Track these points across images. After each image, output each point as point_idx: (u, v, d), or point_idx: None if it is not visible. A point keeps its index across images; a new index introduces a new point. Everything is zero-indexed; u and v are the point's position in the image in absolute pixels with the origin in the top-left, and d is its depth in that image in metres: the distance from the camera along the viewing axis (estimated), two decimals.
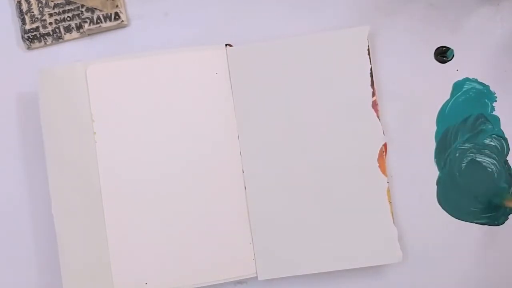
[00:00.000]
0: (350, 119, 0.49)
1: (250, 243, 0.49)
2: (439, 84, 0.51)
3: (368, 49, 0.49)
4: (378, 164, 0.49)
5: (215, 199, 0.50)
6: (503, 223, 0.51)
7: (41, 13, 0.52)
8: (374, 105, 0.49)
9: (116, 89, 0.50)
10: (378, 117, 0.49)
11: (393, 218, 0.49)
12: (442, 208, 0.51)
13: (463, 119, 0.51)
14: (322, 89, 0.49)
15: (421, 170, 0.51)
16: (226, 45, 0.51)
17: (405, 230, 0.50)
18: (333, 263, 0.49)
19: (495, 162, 0.50)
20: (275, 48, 0.50)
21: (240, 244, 0.49)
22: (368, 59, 0.49)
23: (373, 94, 0.49)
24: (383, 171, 0.49)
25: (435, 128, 0.51)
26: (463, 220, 0.50)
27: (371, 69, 0.49)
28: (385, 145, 0.49)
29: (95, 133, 0.50)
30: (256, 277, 0.49)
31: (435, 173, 0.51)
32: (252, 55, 0.50)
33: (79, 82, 0.50)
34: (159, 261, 0.49)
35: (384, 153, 0.49)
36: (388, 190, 0.49)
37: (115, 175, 0.50)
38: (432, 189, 0.51)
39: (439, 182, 0.51)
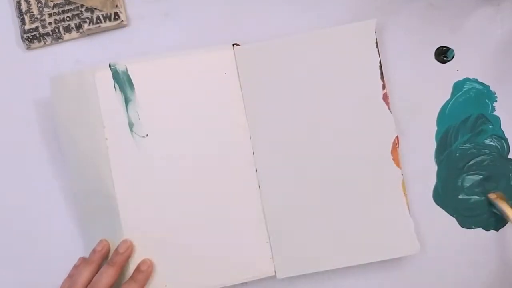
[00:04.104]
0: (362, 112, 0.49)
1: (267, 242, 0.49)
2: (439, 84, 0.51)
3: (376, 42, 0.49)
4: (392, 157, 0.49)
5: (229, 200, 0.49)
6: (502, 228, 0.51)
7: (41, 13, 0.52)
8: (385, 97, 0.49)
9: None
10: (389, 109, 0.49)
11: (409, 210, 0.49)
12: (441, 207, 0.51)
13: (464, 119, 0.51)
14: (332, 84, 0.49)
15: (421, 170, 0.51)
16: (233, 44, 0.50)
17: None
18: (351, 258, 0.49)
19: (495, 162, 0.50)
20: (283, 45, 0.50)
21: (257, 243, 0.49)
22: (377, 52, 0.49)
23: (383, 86, 0.49)
24: (397, 163, 0.49)
25: (435, 128, 0.51)
26: (461, 221, 0.51)
27: (380, 62, 0.49)
28: (397, 137, 0.49)
29: (106, 139, 0.49)
30: (275, 275, 0.49)
31: (435, 172, 0.51)
32: (260, 53, 0.50)
33: (89, 88, 0.49)
34: (177, 264, 0.49)
35: (397, 146, 0.49)
36: (403, 182, 0.49)
37: (129, 180, 0.49)
38: (431, 189, 0.51)
39: (438, 182, 0.51)
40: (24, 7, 0.52)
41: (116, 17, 0.52)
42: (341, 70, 0.49)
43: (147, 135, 0.50)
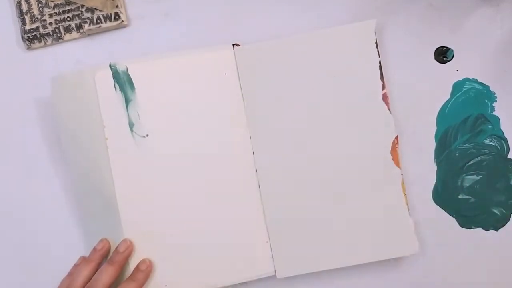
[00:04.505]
0: (362, 113, 0.49)
1: (267, 242, 0.49)
2: (439, 84, 0.51)
3: (376, 42, 0.49)
4: (391, 157, 0.49)
5: (229, 200, 0.50)
6: (502, 227, 0.51)
7: (41, 13, 0.52)
8: (385, 97, 0.49)
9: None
10: (389, 109, 0.49)
11: (408, 210, 0.49)
12: (441, 207, 0.51)
13: (463, 119, 0.51)
14: (332, 85, 0.49)
15: (420, 170, 0.51)
16: (233, 45, 0.51)
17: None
18: (351, 257, 0.49)
19: (494, 162, 0.50)
20: (283, 46, 0.50)
21: (256, 243, 0.49)
22: (377, 52, 0.49)
23: (383, 87, 0.49)
24: (397, 163, 0.49)
25: (435, 128, 0.51)
26: (461, 221, 0.51)
27: (380, 62, 0.49)
28: (397, 137, 0.49)
29: (107, 138, 0.49)
30: (275, 275, 0.49)
31: (434, 172, 0.51)
32: (260, 53, 0.50)
33: (89, 88, 0.49)
34: (177, 264, 0.49)
35: (397, 146, 0.49)
36: (403, 182, 0.49)
37: (129, 180, 0.49)
38: (431, 189, 0.51)
39: (438, 182, 0.51)
40: (24, 7, 0.53)
41: (117, 17, 0.52)
42: (341, 70, 0.49)
43: (147, 135, 0.50)
